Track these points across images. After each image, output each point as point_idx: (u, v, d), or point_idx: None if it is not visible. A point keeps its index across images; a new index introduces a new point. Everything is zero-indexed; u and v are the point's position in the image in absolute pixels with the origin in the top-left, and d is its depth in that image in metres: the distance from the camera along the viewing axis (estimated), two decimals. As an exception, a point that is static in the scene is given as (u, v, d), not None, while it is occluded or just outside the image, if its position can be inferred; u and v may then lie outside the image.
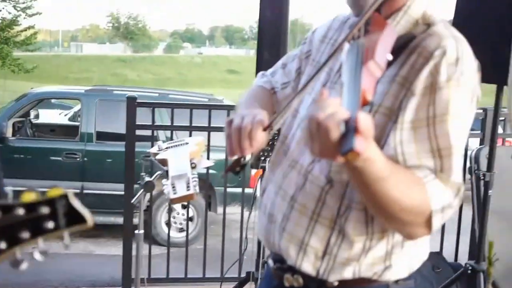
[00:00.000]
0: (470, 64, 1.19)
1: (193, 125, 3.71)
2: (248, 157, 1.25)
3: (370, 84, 0.99)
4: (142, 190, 2.38)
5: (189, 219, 6.28)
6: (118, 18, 65.79)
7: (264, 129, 1.23)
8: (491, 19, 2.57)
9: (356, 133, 0.89)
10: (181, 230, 6.24)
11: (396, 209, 1.10)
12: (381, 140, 1.18)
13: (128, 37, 64.27)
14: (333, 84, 1.34)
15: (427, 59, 1.16)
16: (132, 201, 2.42)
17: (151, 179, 2.35)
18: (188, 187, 1.87)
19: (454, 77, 1.15)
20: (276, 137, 1.50)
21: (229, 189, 4.83)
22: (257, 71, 2.97)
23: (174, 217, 6.31)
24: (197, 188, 1.81)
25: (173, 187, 1.89)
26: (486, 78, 2.64)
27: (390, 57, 1.09)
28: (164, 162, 2.09)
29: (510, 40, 2.45)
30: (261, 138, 1.22)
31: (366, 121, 0.91)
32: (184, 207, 5.92)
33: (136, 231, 2.60)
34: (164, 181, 2.00)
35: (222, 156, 4.23)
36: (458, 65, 1.15)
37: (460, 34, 1.24)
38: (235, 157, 1.25)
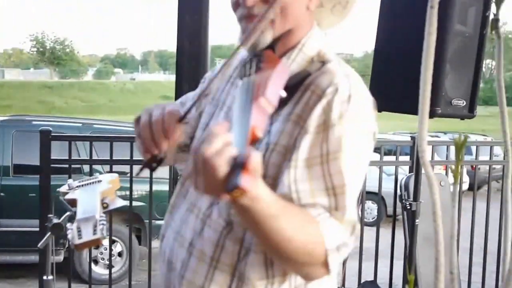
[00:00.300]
0: (362, 101, 1.20)
1: (114, 158, 3.51)
2: (163, 152, 1.17)
3: (261, 120, 0.97)
4: (49, 233, 2.18)
5: (118, 254, 6.06)
6: (44, 42, 64.14)
7: (179, 121, 1.15)
8: (412, 49, 2.57)
9: (243, 170, 0.87)
10: (109, 266, 5.93)
11: (289, 249, 1.08)
12: (277, 178, 1.16)
13: (55, 62, 62.71)
14: (227, 117, 1.31)
15: (320, 96, 1.16)
16: (39, 246, 2.21)
17: (60, 220, 2.17)
18: (94, 230, 1.69)
19: (347, 114, 1.15)
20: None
21: (159, 222, 4.64)
22: (177, 91, 2.85)
23: (101, 253, 6.02)
24: (104, 231, 1.66)
25: (79, 231, 1.71)
26: (409, 108, 2.70)
27: (284, 94, 1.06)
28: (73, 202, 1.92)
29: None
30: (176, 129, 1.15)
31: (253, 158, 0.89)
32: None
33: (44, 277, 2.38)
34: (68, 225, 1.81)
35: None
36: (350, 103, 1.15)
37: (353, 71, 1.25)
38: (148, 155, 1.17)
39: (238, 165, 0.88)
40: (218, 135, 0.92)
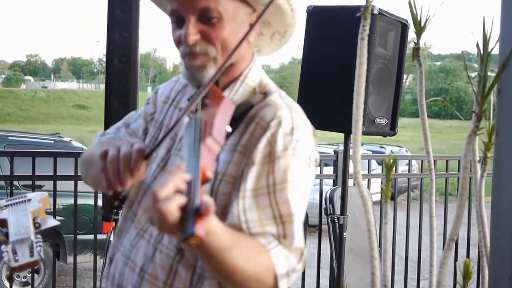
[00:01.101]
0: (304, 131, 1.26)
1: (36, 173, 3.42)
2: (126, 190, 1.19)
3: (210, 160, 1.00)
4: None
5: (36, 271, 5.81)
6: None
7: (145, 158, 1.16)
8: (337, 69, 2.71)
9: (197, 217, 0.88)
10: (25, 284, 5.69)
11: (242, 278, 1.12)
12: (227, 207, 1.20)
13: (-41, 69, 59.23)
14: (177, 150, 1.34)
15: (264, 129, 1.21)
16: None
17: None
18: (31, 252, 1.67)
19: (290, 146, 1.21)
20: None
21: (80, 237, 4.51)
22: (106, 108, 2.81)
23: (17, 271, 5.75)
24: (42, 253, 1.63)
25: (15, 253, 1.67)
26: (335, 126, 2.84)
27: (229, 129, 1.11)
28: (3, 223, 1.86)
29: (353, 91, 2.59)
30: (142, 168, 1.16)
31: (207, 205, 0.89)
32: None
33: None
34: (3, 247, 1.77)
35: (72, 201, 3.94)
36: (293, 134, 1.22)
37: (292, 100, 1.32)
38: (111, 192, 1.17)
39: (192, 212, 0.88)
40: (171, 179, 0.94)
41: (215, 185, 1.22)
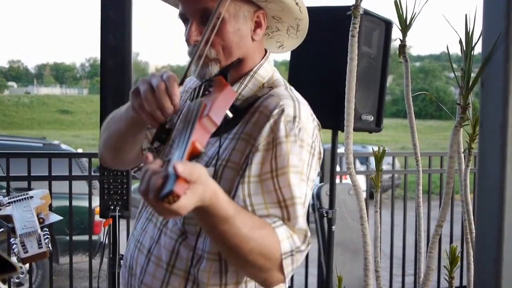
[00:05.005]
0: (307, 121, 1.30)
1: (32, 174, 3.48)
2: (169, 122, 1.24)
3: (202, 137, 1.06)
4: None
5: (27, 272, 5.80)
6: None
7: (180, 83, 1.19)
8: (324, 68, 2.80)
9: (176, 178, 0.94)
10: (19, 285, 5.68)
11: (246, 250, 1.15)
12: (231, 192, 1.25)
13: None
14: None
15: (268, 117, 1.26)
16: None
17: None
18: (39, 244, 1.74)
19: (292, 133, 1.25)
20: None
21: (73, 238, 4.54)
22: (102, 108, 2.87)
23: (9, 272, 5.74)
24: (50, 245, 1.70)
25: (23, 245, 1.75)
26: (322, 124, 2.87)
27: (230, 114, 1.15)
28: (7, 218, 1.93)
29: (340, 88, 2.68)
30: (179, 93, 1.16)
31: (184, 166, 0.94)
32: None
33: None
34: (12, 239, 1.85)
35: (63, 203, 3.99)
36: (295, 122, 1.26)
37: (300, 95, 1.36)
38: (156, 125, 1.20)
39: (170, 174, 0.95)
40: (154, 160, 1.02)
41: (218, 171, 1.28)
